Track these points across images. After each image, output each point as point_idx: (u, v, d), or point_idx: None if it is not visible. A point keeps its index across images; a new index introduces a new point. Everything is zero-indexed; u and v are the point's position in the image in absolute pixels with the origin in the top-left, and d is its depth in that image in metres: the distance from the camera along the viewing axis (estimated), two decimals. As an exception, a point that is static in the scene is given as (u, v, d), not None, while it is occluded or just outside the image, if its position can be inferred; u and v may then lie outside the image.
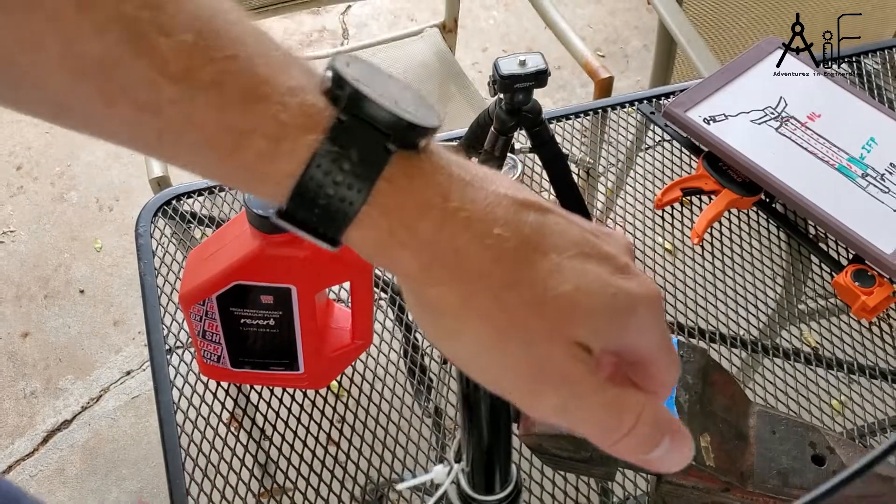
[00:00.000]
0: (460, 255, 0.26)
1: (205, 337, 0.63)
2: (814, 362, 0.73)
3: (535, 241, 0.26)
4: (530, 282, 0.26)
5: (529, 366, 0.26)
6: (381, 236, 0.26)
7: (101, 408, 1.56)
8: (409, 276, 0.27)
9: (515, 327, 0.26)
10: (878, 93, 0.93)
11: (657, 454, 0.28)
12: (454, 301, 0.26)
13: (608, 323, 0.26)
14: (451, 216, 0.26)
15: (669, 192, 0.81)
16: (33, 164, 1.92)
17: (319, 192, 0.26)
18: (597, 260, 0.27)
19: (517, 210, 0.26)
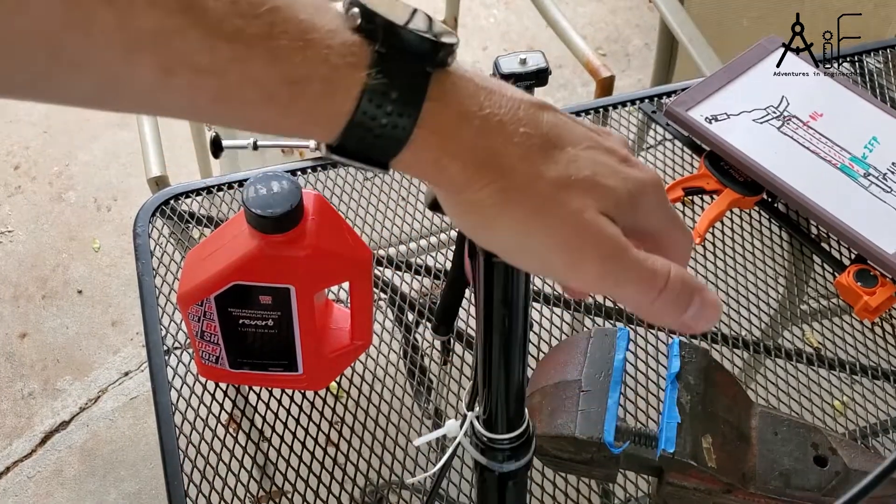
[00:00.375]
0: (496, 155, 0.29)
1: (203, 338, 0.63)
2: (816, 363, 0.72)
3: (553, 137, 0.30)
4: (555, 171, 0.29)
5: (569, 236, 0.29)
6: (432, 153, 0.29)
7: (99, 409, 1.55)
8: (455, 184, 0.29)
9: (551, 205, 0.29)
10: (880, 92, 0.93)
11: (691, 313, 0.30)
12: (491, 196, 0.29)
13: (625, 202, 0.30)
14: (487, 121, 0.29)
15: (671, 191, 0.80)
16: (31, 164, 1.92)
17: (373, 124, 0.28)
18: (604, 152, 0.30)
19: (535, 111, 0.30)
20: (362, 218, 0.81)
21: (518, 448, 0.38)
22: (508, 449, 0.38)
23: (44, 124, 2.00)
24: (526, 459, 0.39)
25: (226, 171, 1.21)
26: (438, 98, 0.28)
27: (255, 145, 0.88)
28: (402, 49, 0.27)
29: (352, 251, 0.59)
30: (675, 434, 0.54)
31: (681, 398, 0.56)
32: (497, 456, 0.38)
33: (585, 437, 0.55)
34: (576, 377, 0.57)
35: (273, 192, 0.54)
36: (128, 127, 1.99)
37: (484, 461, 0.39)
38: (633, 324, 0.76)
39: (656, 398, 0.69)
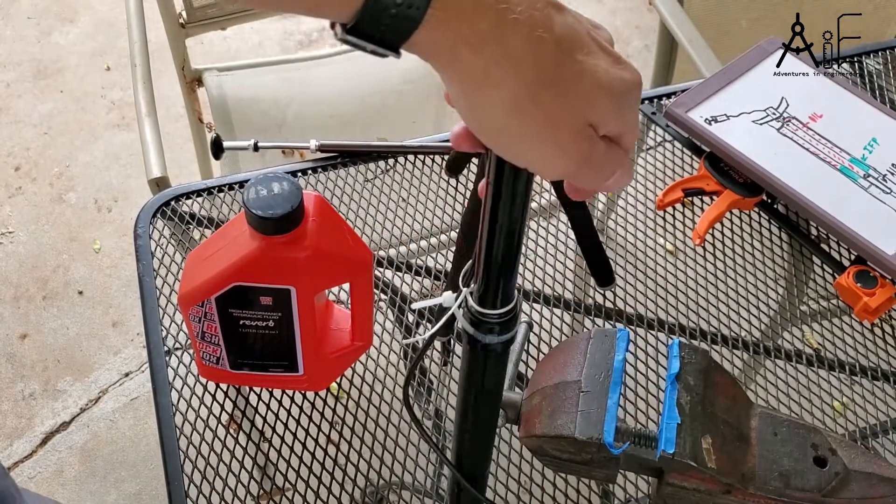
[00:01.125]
0: (513, 58, 0.31)
1: (204, 338, 0.63)
2: (815, 364, 0.72)
3: (565, 42, 0.32)
4: (562, 81, 0.32)
5: (555, 143, 0.33)
6: (446, 34, 0.30)
7: (99, 409, 1.55)
8: (469, 75, 0.31)
9: (549, 118, 0.32)
10: (879, 93, 0.93)
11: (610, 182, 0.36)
12: (503, 102, 0.31)
13: (615, 106, 0.33)
14: (503, 16, 0.30)
15: (671, 192, 0.81)
16: (32, 165, 1.92)
17: (390, 3, 0.29)
18: (602, 54, 0.33)
19: (549, 11, 0.31)
20: (363, 219, 0.81)
21: (504, 323, 0.43)
22: (497, 324, 0.43)
23: (44, 125, 2.00)
24: (509, 335, 0.43)
25: (226, 172, 1.21)
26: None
27: (255, 146, 0.88)
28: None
29: (352, 252, 0.59)
30: (675, 435, 0.54)
31: (680, 399, 0.56)
32: (485, 328, 0.43)
33: (585, 437, 0.55)
34: (576, 378, 0.58)
35: (274, 194, 0.54)
36: (128, 128, 1.99)
37: (472, 331, 0.43)
38: (632, 325, 0.76)
39: (656, 399, 0.69)
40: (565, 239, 0.81)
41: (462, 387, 0.48)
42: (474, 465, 0.53)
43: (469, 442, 0.52)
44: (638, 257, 0.79)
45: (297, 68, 1.37)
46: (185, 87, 1.33)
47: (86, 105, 2.05)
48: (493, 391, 0.48)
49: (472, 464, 0.53)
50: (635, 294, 0.77)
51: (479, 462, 0.53)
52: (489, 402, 0.49)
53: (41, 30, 2.21)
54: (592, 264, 0.70)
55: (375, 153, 0.85)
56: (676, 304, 0.76)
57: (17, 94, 2.06)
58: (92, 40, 2.19)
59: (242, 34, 2.16)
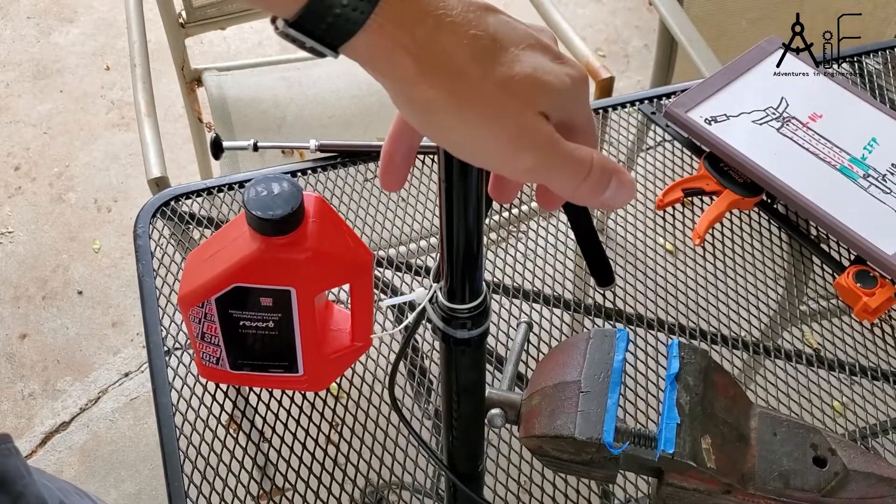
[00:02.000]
0: (447, 55, 0.31)
1: (204, 339, 0.63)
2: (815, 364, 0.72)
3: (500, 38, 0.32)
4: (500, 72, 0.32)
5: (509, 135, 0.32)
6: (385, 41, 0.31)
7: (99, 409, 1.56)
8: (406, 79, 0.32)
9: (494, 109, 0.32)
10: (879, 93, 0.93)
11: (609, 193, 0.34)
12: (444, 97, 0.32)
13: (562, 96, 0.33)
14: (440, 21, 0.31)
15: (670, 192, 0.81)
16: (31, 165, 1.92)
17: (335, 3, 0.30)
18: (541, 50, 0.33)
19: (482, 13, 0.32)
20: (362, 219, 0.81)
21: (475, 318, 0.43)
22: (467, 318, 0.43)
23: (44, 125, 2.00)
24: (481, 329, 0.43)
25: (226, 172, 1.21)
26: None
27: (255, 146, 0.88)
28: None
29: (352, 254, 0.59)
30: (675, 435, 0.54)
31: (680, 399, 0.56)
32: (456, 323, 0.43)
33: (585, 437, 0.55)
34: (575, 378, 0.58)
35: (274, 195, 0.54)
36: (128, 128, 1.99)
37: (442, 327, 0.43)
38: (632, 325, 0.76)
39: (656, 399, 0.69)
40: (565, 239, 0.81)
41: (443, 383, 0.48)
42: (466, 461, 0.53)
43: (457, 438, 0.52)
44: (638, 257, 0.79)
45: (296, 68, 1.37)
46: (184, 87, 1.33)
47: (85, 105, 2.05)
48: (473, 385, 0.48)
49: (463, 461, 0.53)
50: (635, 294, 0.77)
51: (470, 458, 0.53)
52: (470, 396, 0.49)
53: (41, 30, 2.21)
54: (592, 264, 0.70)
55: (375, 153, 0.85)
56: (676, 304, 0.76)
57: (17, 94, 2.06)
58: (91, 40, 2.19)
59: (242, 34, 2.16)
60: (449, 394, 0.48)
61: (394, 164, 0.39)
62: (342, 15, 0.30)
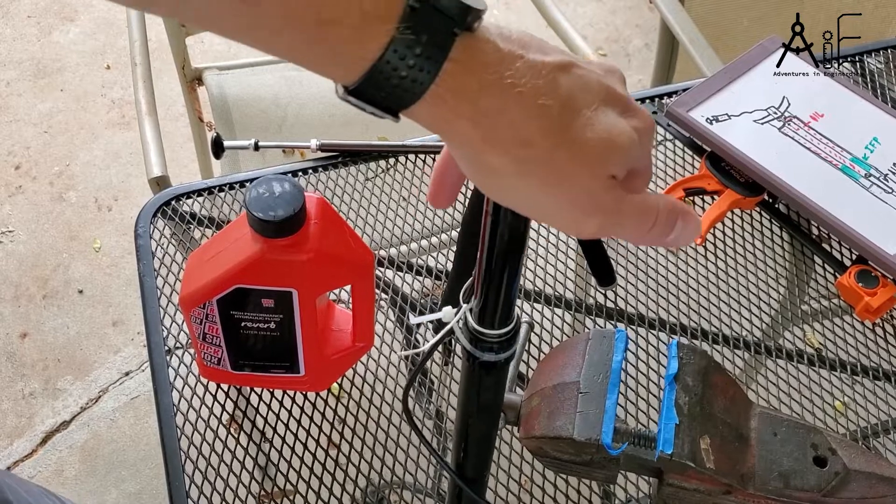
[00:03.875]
0: (515, 127, 0.30)
1: (205, 339, 0.63)
2: (816, 363, 0.72)
3: (570, 103, 0.31)
4: (571, 140, 0.31)
5: (576, 203, 0.32)
6: (446, 112, 0.30)
7: (99, 409, 1.56)
8: (469, 144, 0.31)
9: (564, 178, 0.32)
10: (881, 92, 0.93)
11: (675, 235, 0.35)
12: (510, 166, 0.31)
13: (629, 155, 0.33)
14: (506, 91, 0.30)
15: (672, 192, 0.81)
16: (32, 164, 1.92)
17: (393, 74, 0.29)
18: (612, 104, 0.33)
19: (554, 75, 0.31)
20: (363, 218, 0.81)
21: (503, 343, 0.42)
22: (496, 342, 0.42)
23: (45, 124, 2.00)
24: (508, 353, 0.42)
25: (227, 171, 1.21)
26: (460, 60, 0.29)
27: (256, 146, 0.88)
28: (432, 7, 0.29)
29: (354, 255, 0.59)
30: (674, 435, 0.54)
31: (679, 399, 0.56)
32: (483, 346, 0.42)
33: (584, 438, 0.55)
34: (574, 379, 0.58)
35: (275, 196, 0.54)
36: (128, 127, 1.99)
37: (469, 349, 0.42)
38: (633, 324, 0.76)
39: (656, 399, 0.69)
40: (566, 238, 0.81)
41: (461, 400, 0.47)
42: (474, 470, 0.53)
43: (469, 451, 0.51)
44: (639, 257, 0.79)
45: (297, 67, 1.36)
46: (185, 86, 1.33)
47: (86, 104, 2.05)
48: (492, 405, 0.47)
49: (471, 469, 0.53)
50: (636, 294, 0.77)
51: (479, 468, 0.53)
52: (488, 415, 0.48)
53: (41, 28, 2.21)
54: (593, 264, 0.70)
55: (376, 152, 0.85)
56: (678, 303, 0.76)
57: (18, 93, 2.06)
58: (92, 39, 2.19)
59: (242, 33, 2.16)
60: (466, 412, 0.47)
61: (445, 186, 0.38)
62: (401, 86, 0.30)
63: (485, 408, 0.47)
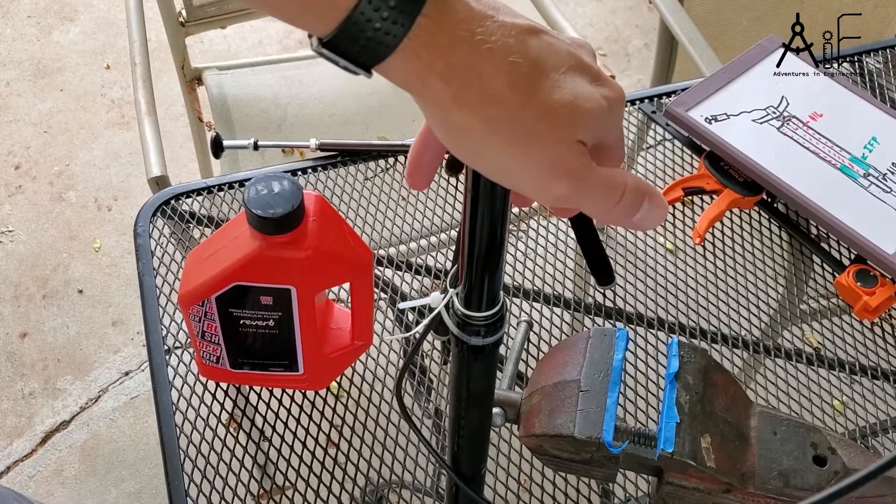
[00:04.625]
0: (483, 82, 0.31)
1: (204, 338, 0.63)
2: (815, 363, 0.72)
3: (539, 63, 0.32)
4: (539, 101, 0.31)
5: (544, 165, 0.32)
6: (419, 66, 0.31)
7: (99, 408, 1.56)
8: (440, 102, 0.32)
9: (532, 138, 0.32)
10: (880, 92, 0.93)
11: (641, 215, 0.35)
12: (479, 124, 0.31)
13: (599, 121, 0.33)
14: (477, 48, 0.31)
15: (671, 191, 0.81)
16: (32, 164, 1.92)
17: (367, 26, 0.30)
18: (581, 72, 0.33)
19: (523, 37, 0.32)
20: (362, 218, 0.81)
21: (490, 326, 0.42)
22: (482, 326, 0.42)
23: (44, 124, 2.00)
24: (496, 337, 0.42)
25: (226, 171, 1.21)
26: (433, 16, 0.30)
27: (255, 145, 0.88)
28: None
29: (353, 252, 0.59)
30: (674, 434, 0.54)
31: (679, 398, 0.56)
32: (470, 330, 0.42)
33: (584, 436, 0.55)
34: (575, 377, 0.58)
35: (274, 193, 0.54)
36: (128, 127, 1.99)
37: (457, 333, 0.42)
38: (632, 324, 0.76)
39: (656, 398, 0.69)
40: (565, 238, 0.81)
41: (452, 387, 0.48)
42: (469, 464, 0.53)
43: (463, 442, 0.51)
44: (638, 256, 0.79)
45: (297, 67, 1.37)
46: (184, 85, 1.33)
47: (86, 104, 2.05)
48: (483, 391, 0.48)
49: (467, 463, 0.53)
50: (635, 293, 0.77)
51: (474, 462, 0.53)
52: (480, 403, 0.49)
53: (41, 28, 2.21)
54: (592, 263, 0.70)
55: (375, 152, 0.85)
56: (676, 303, 0.76)
57: (17, 93, 2.06)
58: (92, 39, 2.19)
59: (242, 33, 2.16)
60: (458, 399, 0.48)
61: (422, 165, 0.39)
62: (374, 38, 0.30)
63: (476, 396, 0.48)
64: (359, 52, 0.31)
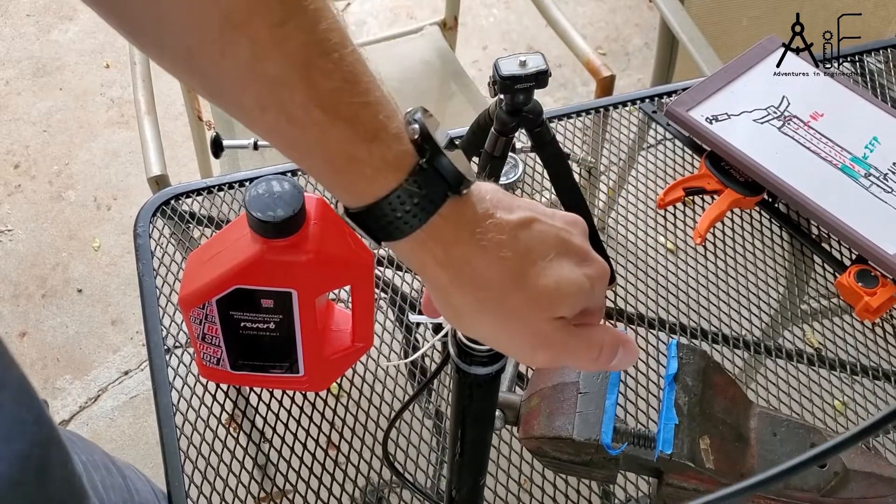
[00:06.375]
0: (477, 273, 0.36)
1: (204, 340, 0.63)
2: (816, 363, 0.72)
3: (528, 255, 0.37)
4: (525, 287, 0.36)
5: (528, 339, 0.37)
6: (423, 253, 0.36)
7: (99, 408, 1.55)
8: (439, 285, 0.37)
9: (516, 317, 0.37)
10: (880, 92, 0.93)
11: (615, 363, 0.40)
12: (472, 304, 0.37)
13: (578, 300, 0.38)
14: (475, 245, 0.36)
15: (672, 191, 0.80)
16: (31, 163, 1.92)
17: (391, 213, 0.35)
18: (567, 255, 0.38)
19: (515, 232, 0.37)
20: (363, 218, 0.81)
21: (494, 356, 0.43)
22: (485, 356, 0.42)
23: (44, 123, 1.99)
24: (497, 367, 0.43)
25: (226, 170, 1.21)
26: (445, 215, 0.35)
27: (255, 145, 0.88)
28: (437, 170, 0.35)
29: (353, 255, 0.59)
30: (673, 435, 0.54)
31: (679, 399, 0.56)
32: (472, 360, 0.43)
33: (583, 438, 0.55)
34: (573, 379, 0.58)
35: (275, 197, 0.54)
36: (128, 126, 1.99)
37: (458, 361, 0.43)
38: (633, 324, 0.76)
39: (656, 399, 0.69)
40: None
41: (453, 409, 0.47)
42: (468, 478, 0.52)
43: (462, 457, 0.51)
44: (639, 256, 0.79)
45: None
46: (184, 84, 1.33)
47: (85, 103, 2.04)
48: (483, 416, 0.47)
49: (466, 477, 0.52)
50: (636, 293, 0.77)
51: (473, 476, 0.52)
52: (480, 424, 0.48)
53: (40, 27, 2.21)
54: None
55: (375, 152, 0.85)
56: (677, 303, 0.76)
57: (17, 92, 2.06)
58: (91, 38, 2.19)
59: (242, 31, 2.15)
60: (458, 420, 0.47)
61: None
62: (393, 223, 0.35)
63: (477, 418, 0.47)
64: (376, 230, 0.35)
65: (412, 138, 0.35)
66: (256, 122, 0.35)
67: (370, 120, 0.34)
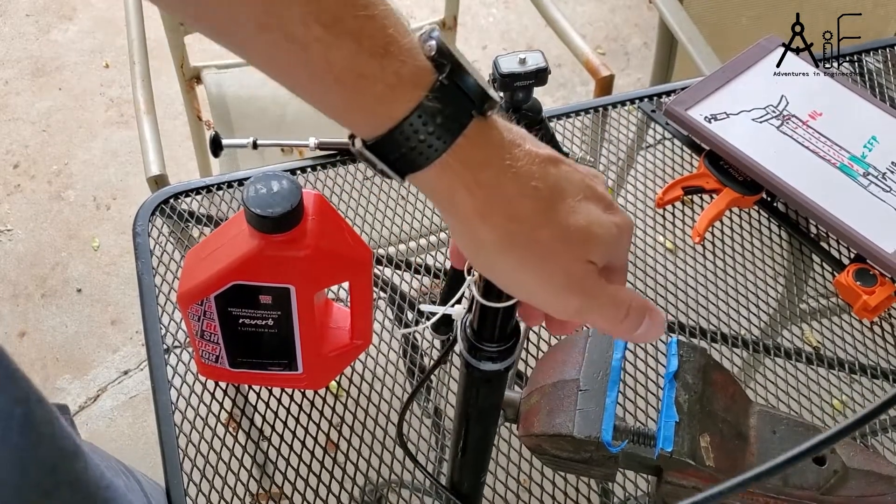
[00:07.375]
0: (507, 200, 0.33)
1: (203, 337, 0.63)
2: (815, 362, 0.72)
3: (558, 190, 0.35)
4: (556, 222, 0.34)
5: (559, 281, 0.35)
6: (450, 177, 0.33)
7: (98, 407, 1.55)
8: (464, 215, 0.34)
9: (548, 255, 0.34)
10: (879, 91, 0.93)
11: (642, 330, 0.37)
12: (499, 238, 0.34)
13: (609, 246, 0.36)
14: (505, 171, 0.33)
15: (670, 190, 0.81)
16: (30, 163, 1.92)
17: (413, 136, 0.32)
18: (595, 200, 0.36)
19: (545, 165, 0.35)
20: (362, 217, 0.81)
21: (504, 352, 0.42)
22: (496, 352, 0.42)
23: (43, 123, 1.99)
24: (508, 362, 0.42)
25: (225, 170, 1.21)
26: (471, 137, 0.33)
27: (254, 144, 0.88)
28: (459, 87, 0.32)
29: (352, 251, 0.59)
30: (673, 433, 0.54)
31: (679, 397, 0.56)
32: (482, 355, 0.42)
33: (583, 436, 0.55)
34: (574, 376, 0.58)
35: (273, 192, 0.54)
36: (127, 125, 1.99)
37: (468, 357, 0.42)
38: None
39: (655, 397, 0.69)
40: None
41: (459, 405, 0.47)
42: (470, 475, 0.53)
43: (464, 454, 0.51)
44: (637, 255, 0.79)
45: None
46: (183, 84, 1.33)
47: (84, 102, 2.04)
48: (489, 412, 0.47)
49: (467, 474, 0.52)
50: (635, 292, 0.77)
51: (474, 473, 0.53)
52: (485, 420, 0.48)
53: (40, 27, 2.21)
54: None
55: (374, 151, 0.85)
56: (676, 302, 0.76)
57: (16, 92, 2.06)
58: (90, 38, 2.19)
59: (241, 31, 2.15)
60: (463, 415, 0.47)
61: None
62: (417, 148, 0.32)
63: (482, 413, 0.47)
64: (399, 159, 0.33)
65: (429, 55, 0.32)
66: (253, 47, 0.32)
67: (377, 33, 0.31)
